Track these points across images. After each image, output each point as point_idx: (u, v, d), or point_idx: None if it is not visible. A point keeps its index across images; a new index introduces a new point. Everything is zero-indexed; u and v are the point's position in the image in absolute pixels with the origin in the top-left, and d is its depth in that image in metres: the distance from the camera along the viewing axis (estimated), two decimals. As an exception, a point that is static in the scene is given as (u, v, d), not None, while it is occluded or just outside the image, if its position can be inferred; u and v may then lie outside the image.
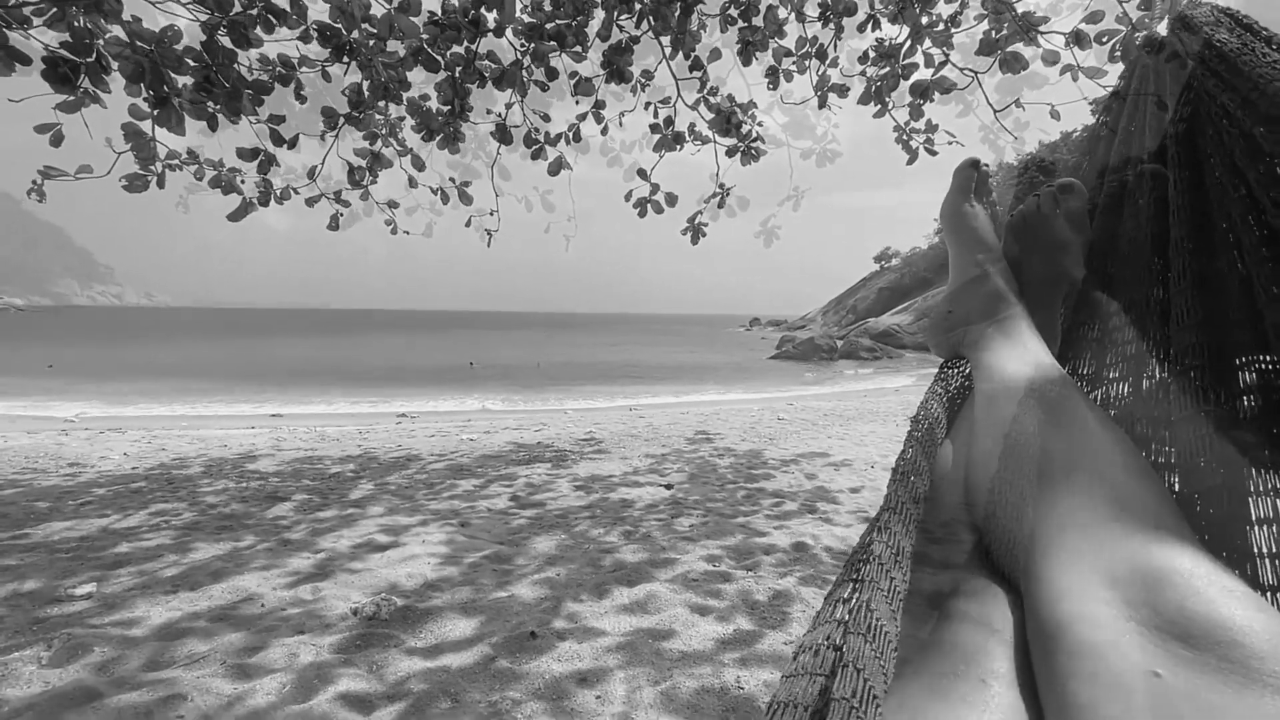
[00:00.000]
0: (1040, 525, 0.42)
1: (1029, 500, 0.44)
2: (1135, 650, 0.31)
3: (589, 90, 4.23)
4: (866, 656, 0.32)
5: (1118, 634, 0.33)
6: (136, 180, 3.38)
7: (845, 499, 3.93)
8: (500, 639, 2.13)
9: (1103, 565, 0.36)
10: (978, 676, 0.36)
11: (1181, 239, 0.62)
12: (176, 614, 2.31)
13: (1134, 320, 0.65)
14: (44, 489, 4.25)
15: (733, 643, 2.12)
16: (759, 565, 2.80)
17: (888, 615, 0.36)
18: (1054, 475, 0.45)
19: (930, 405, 0.61)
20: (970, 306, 0.69)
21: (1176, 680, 0.30)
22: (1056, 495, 0.43)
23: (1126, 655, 0.31)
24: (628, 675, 1.91)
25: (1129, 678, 0.31)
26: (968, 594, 0.42)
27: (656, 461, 5.15)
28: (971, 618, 0.40)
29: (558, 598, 2.46)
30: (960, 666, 0.36)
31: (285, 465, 5.08)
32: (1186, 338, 0.57)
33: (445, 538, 3.19)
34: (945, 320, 0.72)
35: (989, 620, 0.39)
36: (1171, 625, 0.32)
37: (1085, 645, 0.33)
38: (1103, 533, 0.39)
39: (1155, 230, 0.67)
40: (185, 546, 3.04)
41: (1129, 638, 0.32)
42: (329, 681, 1.85)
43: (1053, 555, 0.39)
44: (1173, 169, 0.67)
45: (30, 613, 2.31)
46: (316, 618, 2.28)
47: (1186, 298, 0.59)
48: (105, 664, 1.95)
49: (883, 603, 0.36)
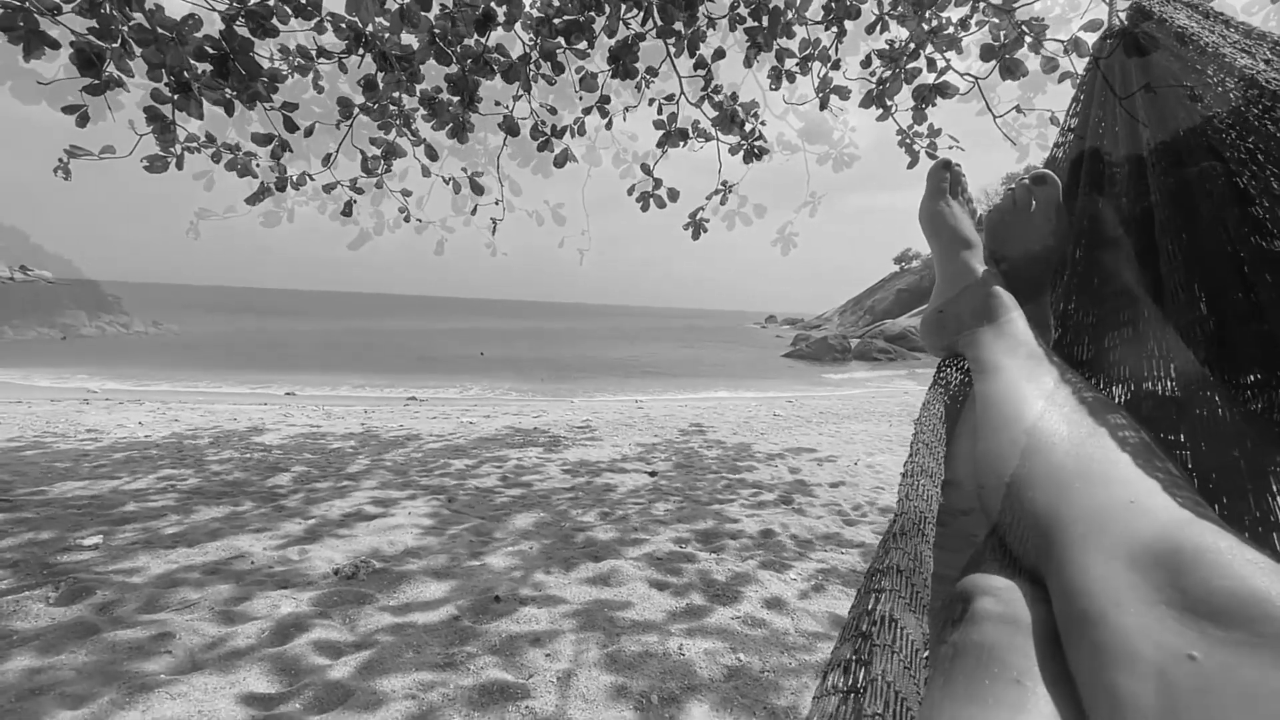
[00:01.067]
0: (1056, 516, 0.42)
1: (1041, 493, 0.44)
2: (1169, 634, 0.31)
3: (593, 86, 4.35)
4: (895, 668, 0.32)
5: (1149, 620, 0.32)
6: (157, 161, 3.58)
7: (822, 492, 4.04)
8: (467, 602, 2.29)
9: (1124, 550, 0.36)
10: (1011, 677, 0.35)
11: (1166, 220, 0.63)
12: (173, 566, 2.50)
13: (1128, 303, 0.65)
14: (62, 451, 4.50)
15: (683, 615, 2.26)
16: (724, 549, 2.93)
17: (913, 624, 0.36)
18: (1064, 465, 0.45)
19: (933, 406, 0.61)
20: (960, 305, 0.70)
21: (1213, 661, 0.29)
22: (1069, 485, 0.43)
23: (1161, 641, 0.31)
24: (578, 638, 2.06)
25: (1167, 664, 0.30)
26: (990, 593, 0.41)
27: (646, 450, 5.29)
28: (997, 617, 0.39)
29: (527, 568, 2.61)
30: (993, 669, 0.36)
31: (289, 439, 5.30)
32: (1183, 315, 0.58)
33: (431, 511, 3.36)
34: (938, 320, 0.73)
35: (1015, 618, 0.39)
36: (1200, 605, 0.32)
37: (1119, 635, 0.33)
38: (1120, 518, 0.38)
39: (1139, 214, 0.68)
40: (188, 508, 3.24)
41: (1161, 622, 0.32)
42: (304, 630, 2.02)
43: (1073, 546, 0.39)
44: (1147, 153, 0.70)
45: (42, 559, 2.51)
46: (300, 575, 2.45)
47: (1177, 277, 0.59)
48: (105, 605, 2.14)
49: (906, 612, 0.36)
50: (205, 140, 4.01)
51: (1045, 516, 0.42)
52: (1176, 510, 0.38)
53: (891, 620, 0.34)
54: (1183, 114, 0.69)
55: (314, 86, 3.73)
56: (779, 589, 2.51)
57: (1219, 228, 0.58)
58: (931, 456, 0.52)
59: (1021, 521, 0.45)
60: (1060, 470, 0.44)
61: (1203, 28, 0.76)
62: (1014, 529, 0.45)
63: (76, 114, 3.20)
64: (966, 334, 0.67)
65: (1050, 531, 0.41)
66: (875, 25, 4.17)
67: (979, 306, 0.67)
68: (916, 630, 0.35)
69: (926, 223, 0.79)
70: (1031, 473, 0.46)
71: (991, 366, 0.59)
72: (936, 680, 0.37)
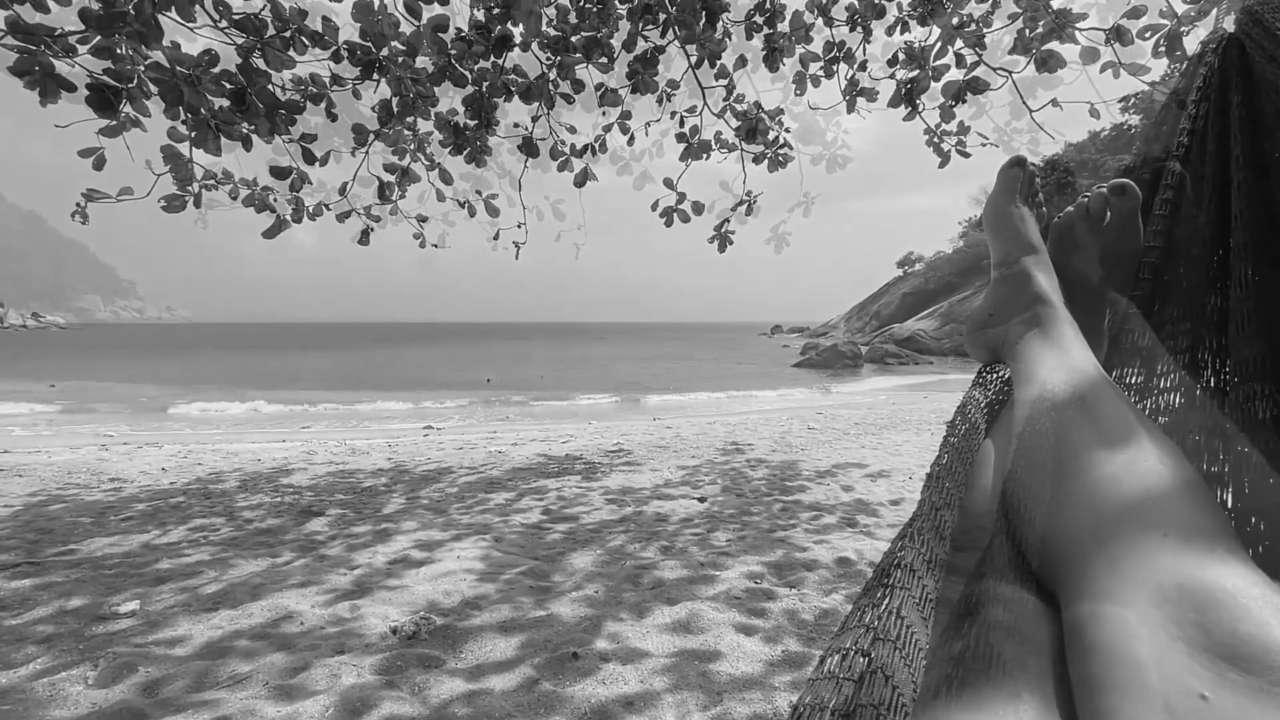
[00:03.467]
0: (1083, 538, 0.40)
1: (1071, 512, 0.42)
2: (1183, 671, 0.30)
3: (615, 101, 4.23)
4: (895, 664, 0.31)
5: (1164, 653, 0.31)
6: (175, 200, 3.45)
7: (885, 512, 3.82)
8: (542, 660, 2.08)
9: (1150, 581, 0.35)
10: (1011, 690, 0.34)
11: (1243, 245, 0.59)
12: (218, 632, 2.30)
13: (1189, 329, 0.62)
14: (87, 504, 4.33)
15: (782, 665, 2.04)
16: (803, 582, 2.72)
17: (918, 623, 0.35)
18: (1099, 485, 0.42)
19: (967, 410, 0.59)
20: (1011, 309, 0.67)
21: (1225, 704, 0.28)
22: (1101, 505, 0.41)
23: (1173, 676, 0.30)
24: (676, 700, 1.85)
25: (1175, 699, 0.29)
26: (1001, 603, 0.40)
27: (689, 474, 5.08)
28: (1005, 628, 0.38)
29: (598, 616, 2.40)
30: (995, 679, 0.35)
31: (318, 479, 5.12)
32: (1246, 349, 0.55)
33: (480, 553, 3.15)
34: (985, 323, 0.70)
35: (1023, 632, 0.38)
36: (1222, 647, 0.30)
37: (1129, 664, 0.31)
38: (1149, 547, 0.37)
39: (1213, 235, 0.63)
40: (224, 563, 3.05)
41: (1176, 658, 0.31)
42: (372, 705, 1.82)
43: (1096, 568, 0.38)
44: (1235, 171, 0.64)
45: (77, 631, 2.32)
46: (356, 636, 2.25)
47: (1247, 306, 0.56)
48: (151, 684, 1.94)
49: (913, 610, 0.35)
50: (223, 176, 3.89)
51: (1070, 536, 0.41)
52: (1212, 550, 0.36)
53: (899, 616, 0.34)
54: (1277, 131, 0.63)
55: (328, 115, 3.61)
56: (876, 627, 2.29)
57: None
58: (959, 460, 0.51)
59: (1045, 536, 0.43)
60: (1094, 493, 0.42)
61: None
62: (1035, 542, 0.44)
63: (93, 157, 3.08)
64: (1014, 342, 0.64)
65: (1075, 552, 0.40)
66: (897, 25, 4.04)
67: (1032, 315, 0.64)
68: (922, 630, 0.35)
69: (991, 221, 0.74)
70: (1062, 489, 0.44)
71: (1036, 378, 0.56)
72: (936, 684, 0.35)
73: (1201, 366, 0.59)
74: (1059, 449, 0.47)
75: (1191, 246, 0.65)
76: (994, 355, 0.68)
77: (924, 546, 0.41)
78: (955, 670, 0.37)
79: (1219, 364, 0.58)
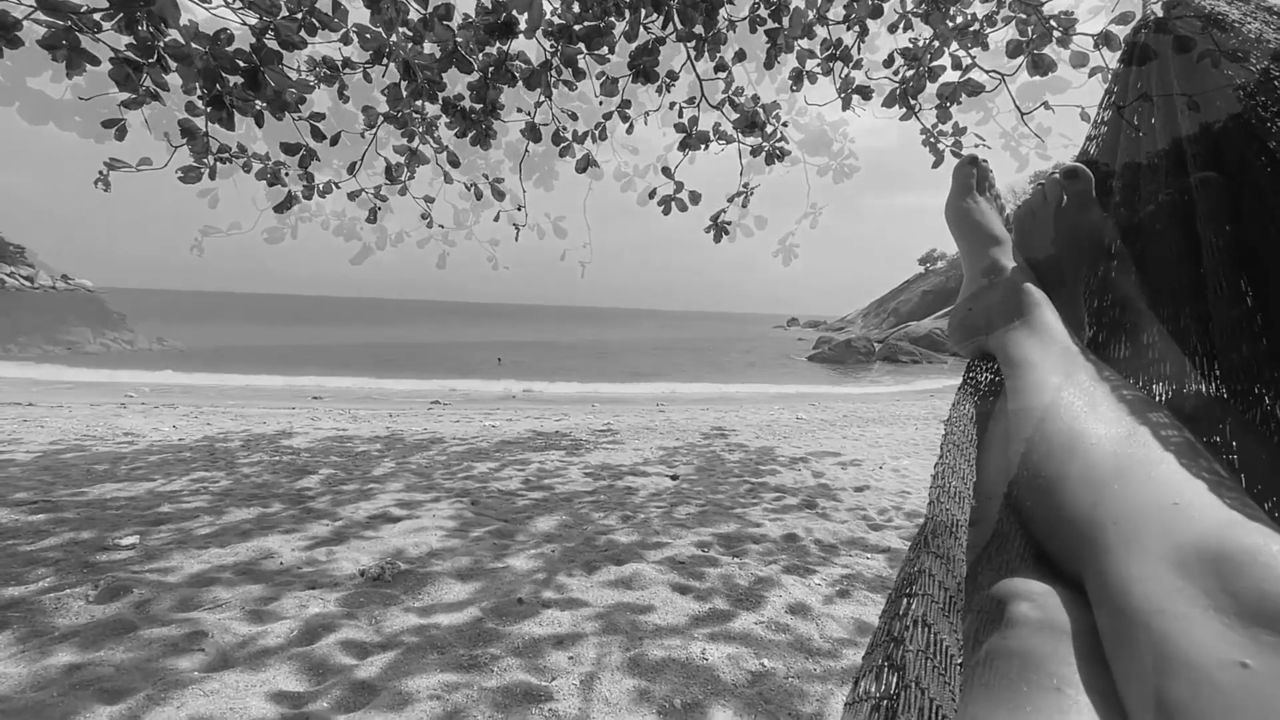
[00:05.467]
0: (1095, 518, 0.40)
1: (1079, 494, 0.43)
2: (1220, 641, 0.30)
3: (611, 91, 4.37)
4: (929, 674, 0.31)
5: (1198, 626, 0.31)
6: (191, 172, 3.68)
7: (846, 497, 3.99)
8: (490, 604, 2.30)
9: (1170, 553, 0.35)
10: (1051, 685, 0.34)
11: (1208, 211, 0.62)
12: (206, 566, 2.56)
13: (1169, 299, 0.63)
14: (101, 454, 4.65)
15: (706, 619, 2.24)
16: (747, 553, 2.91)
17: (946, 628, 0.34)
18: (1103, 464, 0.43)
19: (962, 406, 0.60)
20: (990, 302, 0.68)
21: (1267, 668, 0.28)
22: (1108, 485, 0.41)
23: (1211, 648, 0.30)
24: (601, 641, 2.06)
25: (1217, 672, 0.29)
26: (1026, 597, 0.40)
27: (668, 454, 5.28)
28: (1034, 622, 0.38)
29: (549, 571, 2.62)
30: (1031, 676, 0.34)
31: (317, 443, 5.40)
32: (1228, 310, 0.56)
33: (454, 513, 3.39)
34: (966, 318, 0.71)
35: (1053, 623, 0.37)
36: (1252, 610, 0.30)
37: (1166, 642, 0.31)
38: (1164, 520, 0.37)
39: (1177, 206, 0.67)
40: (219, 510, 3.32)
41: (1210, 628, 0.31)
42: (332, 630, 2.05)
43: (1115, 549, 0.37)
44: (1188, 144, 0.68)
45: (82, 558, 2.59)
46: (327, 576, 2.49)
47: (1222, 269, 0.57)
48: (141, 603, 2.20)
49: (939, 616, 0.35)
50: (236, 151, 4.12)
51: (1084, 519, 0.41)
52: (1224, 511, 0.36)
53: (925, 625, 0.34)
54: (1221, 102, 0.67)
55: (339, 96, 3.81)
56: (803, 594, 2.48)
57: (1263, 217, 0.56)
58: (962, 457, 0.51)
59: (1058, 523, 0.43)
60: (1098, 470, 0.43)
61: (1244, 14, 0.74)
62: (1050, 531, 0.44)
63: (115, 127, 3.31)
64: (997, 333, 0.65)
65: (1089, 534, 0.40)
66: (898, 24, 4.12)
67: (1009, 304, 0.65)
68: (950, 635, 0.34)
69: (953, 220, 0.78)
70: (1068, 473, 0.44)
71: (1023, 364, 0.57)
72: (973, 688, 0.36)
73: (1187, 334, 0.60)
74: (1057, 433, 0.47)
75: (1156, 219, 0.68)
76: (980, 350, 0.69)
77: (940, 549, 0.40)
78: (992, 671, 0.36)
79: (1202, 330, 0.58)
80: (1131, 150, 0.78)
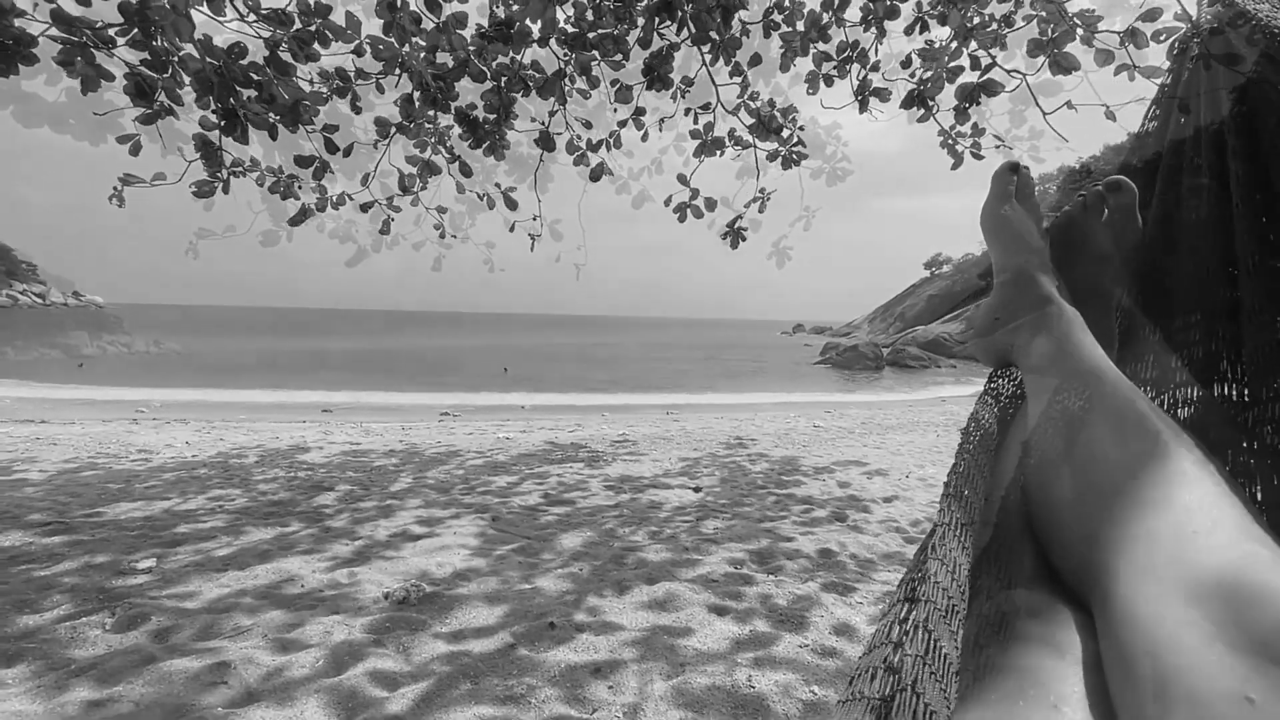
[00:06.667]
0: (1108, 540, 0.39)
1: (1093, 514, 0.42)
2: (1226, 674, 0.29)
3: (628, 97, 4.31)
4: (925, 680, 0.31)
5: (1204, 657, 0.30)
6: (205, 186, 3.64)
7: (877, 508, 3.88)
8: (521, 628, 2.20)
9: (1183, 582, 0.34)
10: (1049, 702, 0.33)
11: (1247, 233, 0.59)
12: (226, 590, 2.47)
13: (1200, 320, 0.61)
14: (115, 472, 4.59)
15: (748, 643, 2.14)
16: (782, 569, 2.81)
17: (947, 636, 0.34)
18: (1121, 486, 0.42)
19: (981, 415, 0.58)
20: (1018, 312, 0.66)
21: (1273, 706, 0.28)
22: (1126, 507, 0.40)
23: (1216, 680, 0.29)
24: (641, 669, 1.96)
25: (1221, 706, 0.28)
26: (1032, 613, 0.40)
27: (689, 465, 5.18)
28: (1038, 639, 0.38)
29: (580, 592, 2.52)
30: (1029, 691, 0.34)
31: (332, 458, 5.32)
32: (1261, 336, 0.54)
33: (477, 530, 3.30)
34: (992, 327, 0.70)
35: (1056, 641, 0.37)
36: (1264, 646, 0.30)
37: (1170, 670, 0.30)
38: (1180, 547, 0.36)
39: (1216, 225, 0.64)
40: (237, 529, 3.24)
41: (1217, 660, 0.30)
42: (359, 659, 1.96)
43: (1126, 573, 0.36)
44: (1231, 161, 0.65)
45: (98, 583, 2.51)
46: (351, 600, 2.40)
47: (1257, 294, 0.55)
48: (161, 632, 2.11)
49: (941, 623, 0.34)
50: (250, 164, 4.08)
51: (1095, 537, 0.40)
52: (1244, 544, 0.35)
53: (926, 630, 0.33)
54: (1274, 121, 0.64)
55: (352, 108, 3.77)
56: (845, 614, 2.37)
57: None
58: (976, 467, 0.50)
59: (1068, 540, 0.43)
60: (1115, 490, 0.41)
61: None
62: (1059, 546, 0.44)
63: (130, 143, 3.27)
64: (1022, 344, 0.63)
65: (1099, 554, 0.39)
66: (914, 25, 4.05)
67: (1037, 316, 0.63)
68: (950, 643, 0.34)
69: (989, 226, 0.75)
70: (1083, 490, 0.43)
71: (1048, 379, 0.55)
72: (969, 698, 0.35)
73: (1216, 357, 0.58)
74: (1077, 450, 0.46)
75: (1195, 238, 0.66)
76: (1003, 359, 0.67)
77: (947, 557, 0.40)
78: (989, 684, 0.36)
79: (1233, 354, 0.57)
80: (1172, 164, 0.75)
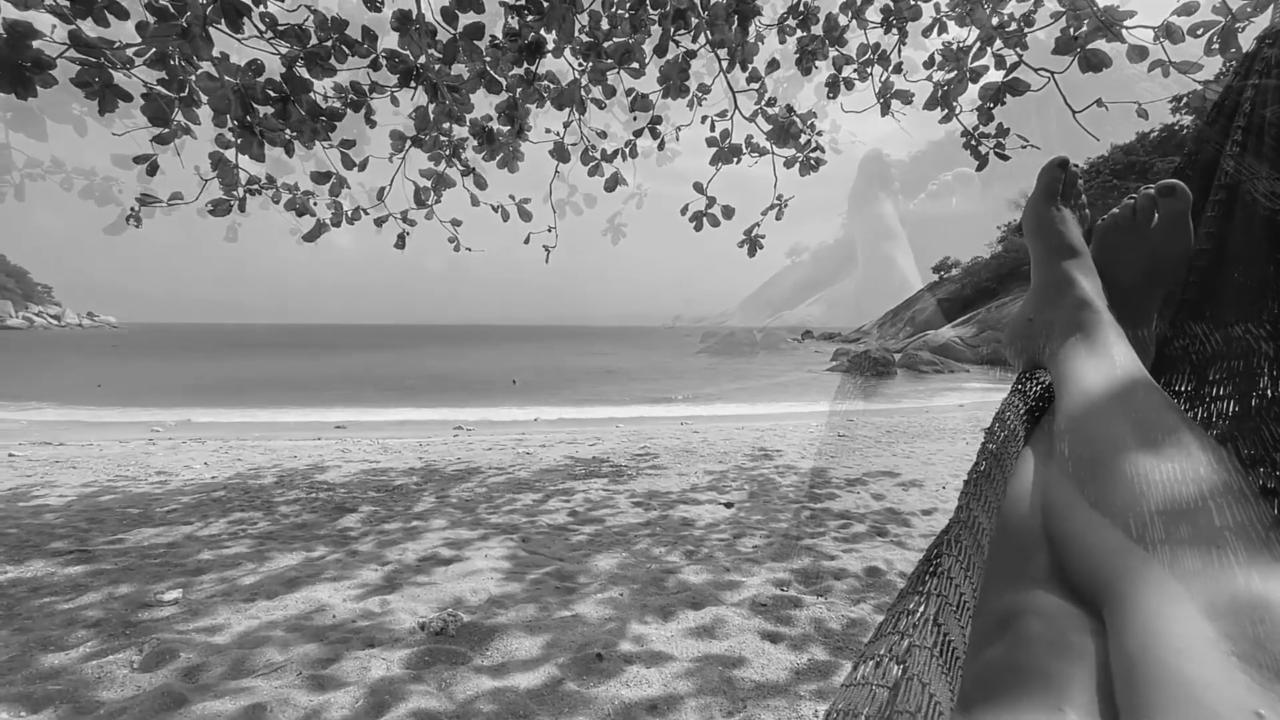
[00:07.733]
0: (1129, 551, 0.38)
1: (1116, 520, 0.41)
2: (1237, 688, 0.29)
3: (646, 106, 4.25)
4: (932, 671, 0.30)
5: (1216, 669, 0.30)
6: (220, 204, 3.58)
7: (917, 522, 3.74)
8: (566, 660, 2.09)
9: (1200, 594, 0.33)
10: (1053, 704, 0.33)
11: None
12: (255, 622, 2.37)
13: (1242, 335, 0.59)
14: (135, 496, 4.51)
15: (809, 673, 2.01)
16: (830, 590, 2.68)
17: (955, 631, 0.34)
18: (1145, 495, 0.41)
19: (1006, 417, 0.58)
20: (1053, 315, 0.64)
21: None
22: (1148, 516, 0.39)
23: (1226, 693, 0.29)
24: (700, 704, 1.84)
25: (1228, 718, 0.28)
26: (1042, 615, 0.40)
27: (716, 479, 5.05)
28: (1046, 640, 0.38)
29: (622, 618, 2.41)
30: (1035, 692, 0.34)
31: (351, 477, 5.24)
32: None
33: (507, 553, 3.19)
34: (1025, 329, 0.68)
35: (1065, 644, 0.37)
36: (1278, 663, 0.29)
37: (1179, 681, 0.30)
38: (1200, 560, 0.35)
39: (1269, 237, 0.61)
40: (262, 555, 3.14)
41: (1229, 674, 0.29)
42: (400, 698, 1.85)
43: (1143, 581, 0.36)
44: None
45: (123, 616, 2.42)
46: (386, 631, 2.30)
47: None
48: (191, 670, 2.01)
49: (950, 618, 0.34)
50: (266, 181, 4.03)
51: (1116, 546, 0.39)
52: (1267, 562, 0.34)
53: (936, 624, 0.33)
54: None
55: (367, 122, 3.72)
56: (905, 639, 2.24)
57: None
58: (998, 467, 0.50)
59: (1088, 546, 0.42)
60: (1141, 502, 0.40)
61: None
62: (1078, 551, 0.43)
63: (146, 164, 3.21)
64: (1055, 347, 0.61)
65: (1119, 564, 0.38)
66: (933, 27, 3.97)
67: (1073, 320, 0.61)
68: (959, 638, 0.34)
69: (1031, 226, 0.72)
70: (1109, 500, 0.42)
71: (1078, 384, 0.54)
72: (974, 694, 0.35)
73: (1257, 374, 0.56)
74: (1102, 457, 0.45)
75: (1246, 249, 0.62)
76: (1034, 362, 0.66)
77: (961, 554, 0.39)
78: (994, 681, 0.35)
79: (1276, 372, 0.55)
80: (1276, 156, 0.68)
